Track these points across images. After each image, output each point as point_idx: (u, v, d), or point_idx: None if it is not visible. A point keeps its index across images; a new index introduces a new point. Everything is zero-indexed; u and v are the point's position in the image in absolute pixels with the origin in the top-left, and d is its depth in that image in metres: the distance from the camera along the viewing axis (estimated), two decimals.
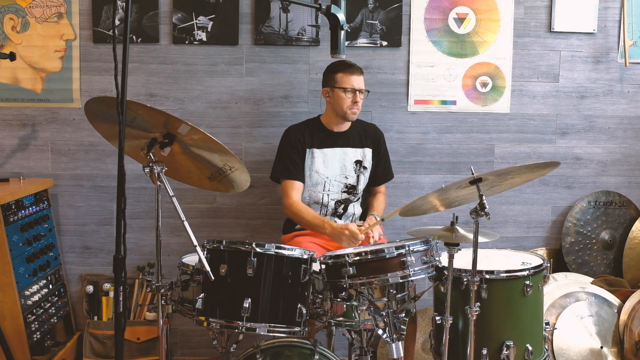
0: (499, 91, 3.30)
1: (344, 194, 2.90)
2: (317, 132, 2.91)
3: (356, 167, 2.91)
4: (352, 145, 2.92)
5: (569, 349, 2.84)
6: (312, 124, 2.95)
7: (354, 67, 2.81)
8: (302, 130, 2.90)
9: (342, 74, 2.80)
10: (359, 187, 2.92)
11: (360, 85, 2.80)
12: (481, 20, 3.24)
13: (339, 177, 2.89)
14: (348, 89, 2.78)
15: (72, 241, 3.26)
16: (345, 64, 2.81)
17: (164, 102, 3.19)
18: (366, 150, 2.94)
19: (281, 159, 2.89)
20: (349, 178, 2.90)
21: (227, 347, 2.21)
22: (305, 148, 2.87)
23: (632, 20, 3.29)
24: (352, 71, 2.79)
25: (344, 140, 2.91)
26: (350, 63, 2.83)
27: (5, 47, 3.12)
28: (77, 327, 3.28)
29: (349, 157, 2.91)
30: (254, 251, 2.00)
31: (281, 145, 2.92)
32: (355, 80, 2.79)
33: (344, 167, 2.90)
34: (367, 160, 2.94)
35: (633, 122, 3.39)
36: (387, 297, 2.06)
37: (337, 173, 2.89)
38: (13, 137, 3.20)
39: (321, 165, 2.87)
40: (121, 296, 1.73)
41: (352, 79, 2.79)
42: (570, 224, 3.37)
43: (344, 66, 2.81)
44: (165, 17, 3.15)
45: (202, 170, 2.26)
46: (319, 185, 2.88)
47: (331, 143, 2.90)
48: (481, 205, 2.04)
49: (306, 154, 2.88)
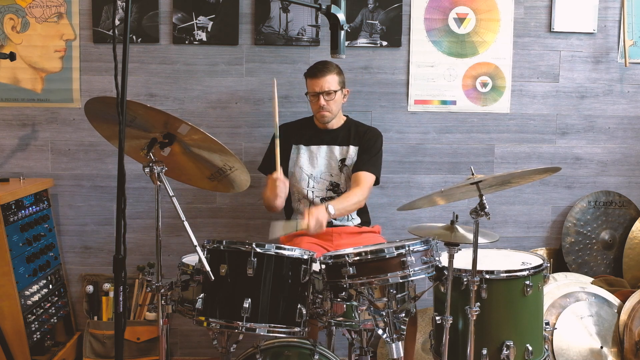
0: (499, 91, 3.30)
1: (329, 192, 2.89)
2: (307, 129, 2.94)
3: (340, 165, 2.90)
4: (338, 143, 2.92)
5: (569, 349, 2.84)
6: (304, 121, 2.99)
7: (315, 70, 2.78)
8: (291, 127, 2.95)
9: (308, 78, 2.82)
10: (342, 186, 2.91)
11: (323, 87, 2.76)
12: (481, 20, 3.24)
13: (324, 175, 2.90)
14: (311, 93, 2.80)
15: (72, 241, 3.26)
16: (311, 69, 2.81)
17: (164, 102, 3.19)
18: (351, 148, 2.90)
19: (267, 155, 2.94)
20: (334, 176, 2.90)
21: (227, 347, 2.21)
22: (291, 144, 2.90)
23: (632, 20, 3.29)
24: (313, 75, 2.78)
25: (332, 138, 2.92)
26: (316, 65, 2.80)
27: (5, 47, 3.12)
28: (77, 327, 3.29)
29: (334, 155, 2.91)
30: (254, 251, 2.00)
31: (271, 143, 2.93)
32: (316, 84, 2.76)
33: (329, 165, 2.90)
34: (349, 157, 2.88)
35: (633, 122, 3.39)
36: (387, 297, 2.06)
37: (322, 170, 2.89)
38: (13, 137, 3.20)
39: (306, 162, 2.89)
40: (121, 296, 1.73)
41: (313, 84, 2.78)
42: (570, 224, 3.36)
43: (309, 71, 2.81)
44: (165, 17, 3.15)
45: (202, 170, 2.26)
46: (303, 182, 2.89)
47: (318, 141, 2.91)
48: (481, 206, 2.05)
49: (291, 150, 2.91)
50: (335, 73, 2.80)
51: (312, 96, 2.81)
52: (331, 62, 2.82)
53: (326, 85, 2.77)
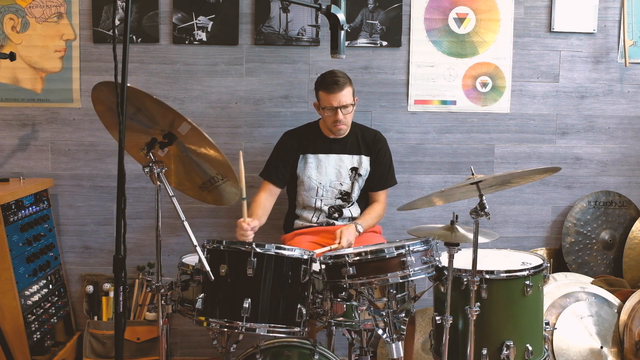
0: (499, 91, 3.30)
1: (337, 200, 2.89)
2: (313, 137, 2.90)
3: (351, 174, 2.89)
4: (348, 151, 2.89)
5: (569, 349, 2.84)
6: (310, 129, 2.94)
7: (333, 85, 2.70)
8: (297, 136, 2.90)
9: (323, 92, 2.74)
10: (353, 195, 2.90)
11: (341, 102, 2.71)
12: (481, 20, 3.24)
13: (333, 184, 2.88)
14: (328, 107, 2.74)
15: (72, 241, 3.27)
16: (326, 82, 2.73)
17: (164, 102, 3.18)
18: (363, 158, 2.90)
19: (269, 160, 2.93)
20: (344, 185, 2.88)
21: (227, 347, 2.21)
22: (298, 154, 2.88)
23: (632, 20, 3.29)
24: (330, 89, 2.70)
25: (340, 146, 2.89)
26: (332, 79, 2.72)
27: (5, 47, 3.12)
28: (77, 327, 3.29)
29: (344, 164, 2.89)
30: (254, 251, 2.00)
31: (274, 147, 2.95)
32: (334, 98, 2.71)
33: (339, 173, 2.88)
34: (363, 167, 2.90)
35: (633, 122, 3.39)
36: (387, 297, 2.06)
37: (331, 179, 2.87)
38: (13, 137, 3.20)
39: (314, 171, 2.86)
40: (121, 296, 1.73)
41: (330, 98, 2.71)
42: (570, 224, 3.37)
43: (324, 85, 2.74)
44: (165, 17, 3.15)
45: (194, 178, 2.24)
46: (311, 191, 2.87)
47: (327, 149, 2.88)
48: (481, 206, 2.05)
49: (299, 160, 2.88)
50: (349, 84, 2.75)
51: (329, 110, 2.74)
52: (341, 71, 2.78)
53: (343, 99, 2.72)
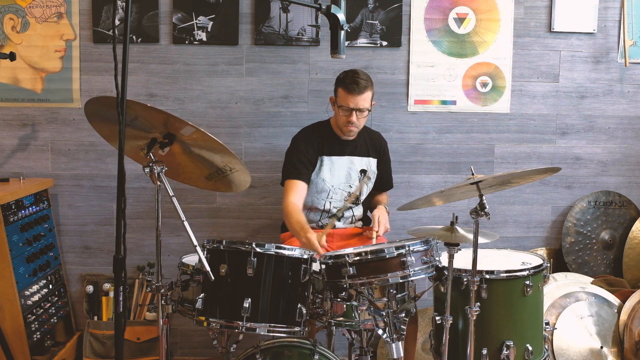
0: (499, 91, 3.30)
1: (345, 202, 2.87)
2: (327, 138, 2.83)
3: (361, 176, 2.87)
4: (359, 153, 2.87)
5: (569, 349, 2.84)
6: (322, 129, 2.87)
7: (353, 86, 2.63)
8: (313, 135, 2.82)
9: (342, 90, 2.68)
10: (362, 197, 2.90)
11: (358, 105, 2.65)
12: (481, 20, 3.24)
13: (343, 186, 2.85)
14: (344, 107, 2.69)
15: (72, 241, 3.27)
16: (347, 81, 2.66)
17: (164, 102, 3.19)
18: (371, 160, 2.90)
19: (290, 162, 2.78)
20: (353, 187, 2.86)
21: (227, 347, 2.21)
22: (317, 155, 2.80)
23: (632, 20, 3.29)
24: (350, 90, 2.64)
25: (352, 148, 2.86)
26: (353, 79, 2.65)
27: (5, 47, 3.12)
28: (77, 327, 3.29)
29: (355, 166, 2.86)
30: (254, 251, 2.00)
31: (291, 149, 2.82)
32: (352, 100, 2.64)
33: (349, 175, 2.86)
34: (371, 170, 2.90)
35: (633, 122, 3.39)
36: (387, 297, 2.06)
37: (342, 182, 2.85)
38: (13, 137, 3.20)
39: (327, 173, 2.82)
40: (121, 296, 1.73)
41: (348, 99, 2.65)
42: (570, 224, 3.37)
43: (345, 83, 2.67)
44: (165, 17, 3.15)
45: (201, 169, 2.25)
46: (323, 193, 2.83)
47: (340, 151, 2.84)
48: (481, 206, 2.05)
49: (317, 160, 2.82)
50: (370, 88, 2.68)
51: (344, 110, 2.68)
52: (365, 73, 2.72)
53: (361, 102, 2.66)
